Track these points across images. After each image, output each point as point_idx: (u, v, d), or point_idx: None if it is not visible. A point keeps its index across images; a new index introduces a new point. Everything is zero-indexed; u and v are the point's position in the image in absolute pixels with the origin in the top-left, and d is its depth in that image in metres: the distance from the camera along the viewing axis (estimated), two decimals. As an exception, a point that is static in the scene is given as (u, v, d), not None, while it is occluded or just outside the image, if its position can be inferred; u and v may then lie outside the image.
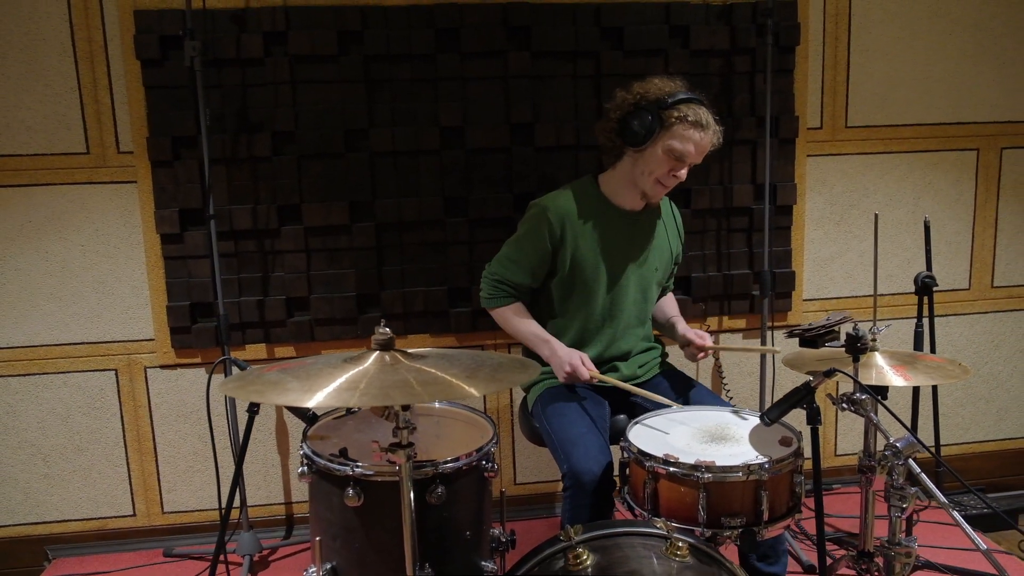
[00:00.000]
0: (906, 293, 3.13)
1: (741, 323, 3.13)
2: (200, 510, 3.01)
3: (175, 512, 3.01)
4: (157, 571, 2.83)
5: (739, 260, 3.06)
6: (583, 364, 2.24)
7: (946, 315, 3.26)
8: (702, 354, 2.39)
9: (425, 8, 2.77)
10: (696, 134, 2.20)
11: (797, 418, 1.86)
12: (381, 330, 1.55)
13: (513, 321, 2.40)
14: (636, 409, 2.32)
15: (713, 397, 2.36)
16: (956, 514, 1.51)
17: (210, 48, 2.66)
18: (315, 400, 1.42)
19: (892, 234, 3.17)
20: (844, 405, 1.68)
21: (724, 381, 3.06)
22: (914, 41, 3.07)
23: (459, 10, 2.78)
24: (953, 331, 3.28)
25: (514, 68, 2.83)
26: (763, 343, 2.99)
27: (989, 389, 3.35)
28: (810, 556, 2.74)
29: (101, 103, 2.74)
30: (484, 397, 3.06)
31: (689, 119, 2.19)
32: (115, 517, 2.98)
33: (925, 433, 2.94)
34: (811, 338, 1.75)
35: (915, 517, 2.97)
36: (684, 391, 2.39)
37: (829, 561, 2.07)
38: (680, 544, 1.63)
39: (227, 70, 2.73)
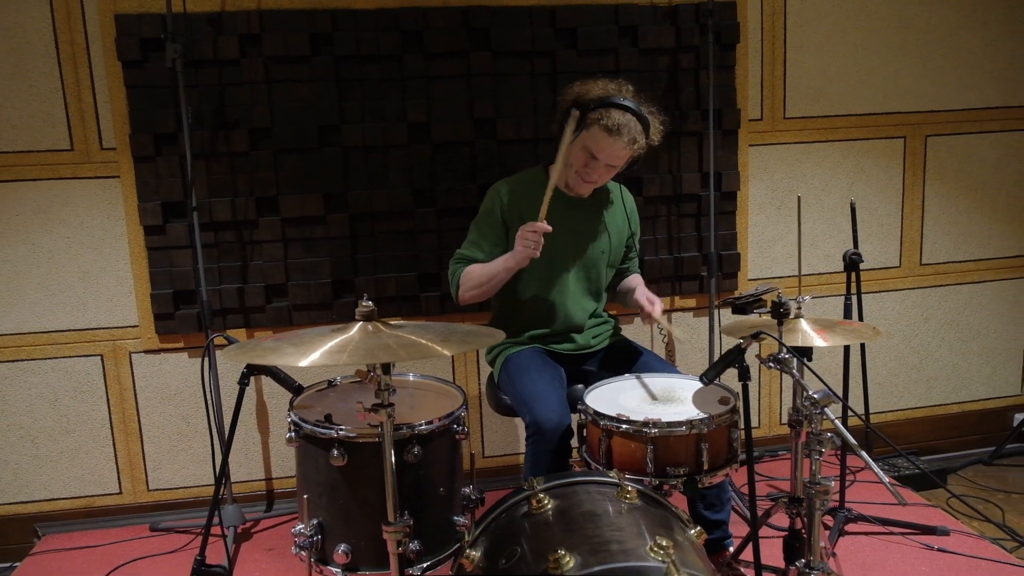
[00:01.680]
0: (841, 272, 3.38)
1: (691, 302, 3.37)
2: (184, 487, 3.18)
3: (160, 489, 3.17)
4: (144, 544, 2.99)
5: (688, 243, 3.30)
6: (530, 231, 2.36)
7: (879, 291, 3.53)
8: (650, 316, 2.54)
9: (392, 11, 2.96)
10: (607, 139, 2.39)
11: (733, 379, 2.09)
12: (364, 303, 1.75)
13: (473, 273, 2.53)
14: (591, 377, 2.55)
15: (662, 363, 2.58)
16: (865, 455, 1.74)
17: (188, 50, 2.81)
18: (309, 359, 1.62)
19: (828, 216, 3.43)
20: (771, 364, 1.92)
21: (664, 340, 3.28)
22: (844, 38, 3.33)
23: (423, 13, 2.97)
24: (886, 306, 3.55)
25: (476, 67, 3.03)
26: (711, 320, 3.23)
27: (920, 359, 3.63)
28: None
29: (84, 102, 2.89)
30: (453, 376, 3.27)
31: (602, 123, 2.37)
32: (102, 495, 3.14)
33: (856, 399, 3.18)
34: (741, 306, 1.98)
35: (854, 477, 3.26)
36: (634, 359, 2.61)
37: (766, 507, 2.32)
38: (629, 489, 1.85)
39: (205, 70, 2.89)
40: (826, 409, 1.80)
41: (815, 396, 1.80)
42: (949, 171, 3.50)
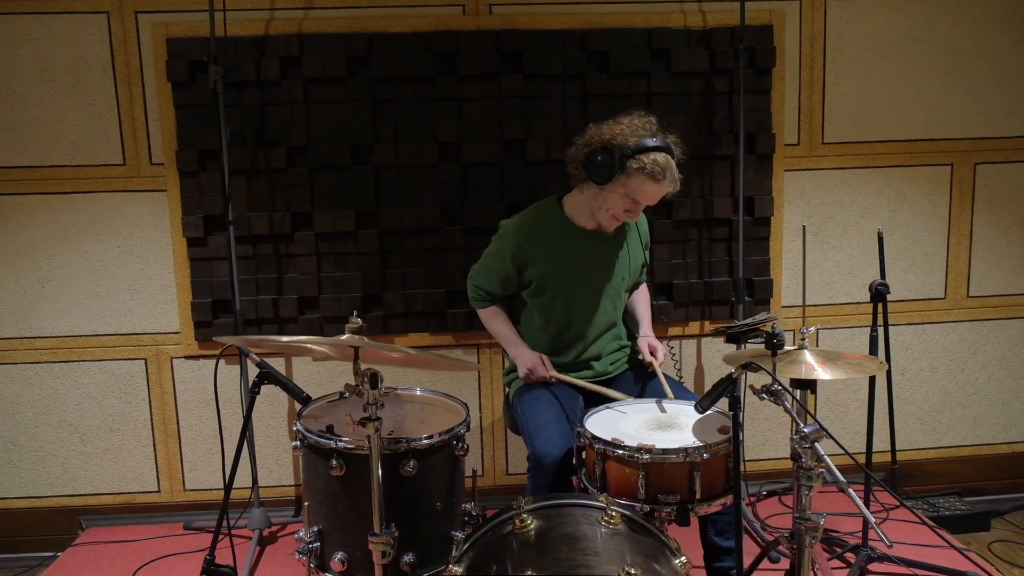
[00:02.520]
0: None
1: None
2: (218, 488, 3.30)
3: (195, 490, 3.31)
4: (177, 542, 3.12)
5: (719, 268, 3.26)
6: (542, 364, 2.50)
7: (922, 323, 3.42)
8: (649, 367, 2.62)
9: (425, 35, 3.04)
10: (652, 186, 2.38)
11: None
12: (354, 320, 1.82)
13: (491, 323, 2.72)
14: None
15: (677, 389, 2.56)
16: (852, 492, 1.70)
17: (232, 71, 2.96)
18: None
19: (868, 244, 3.34)
20: (763, 396, 1.89)
21: (680, 378, 3.25)
22: (888, 62, 3.25)
23: (456, 37, 3.04)
24: (929, 338, 3.43)
25: (507, 89, 3.08)
26: (738, 347, 3.18)
27: (966, 395, 3.49)
28: (767, 536, 2.97)
29: (136, 120, 3.06)
30: (480, 394, 3.31)
31: (647, 171, 2.34)
32: (142, 492, 3.29)
33: (882, 436, 3.07)
34: (734, 335, 1.96)
35: (887, 515, 3.16)
36: (649, 384, 2.60)
37: (770, 538, 2.28)
38: (613, 513, 1.85)
39: (248, 91, 3.03)
40: (816, 444, 1.76)
41: (805, 430, 1.77)
42: (1000, 200, 3.37)
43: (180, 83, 3.01)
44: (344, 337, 1.79)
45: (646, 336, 2.71)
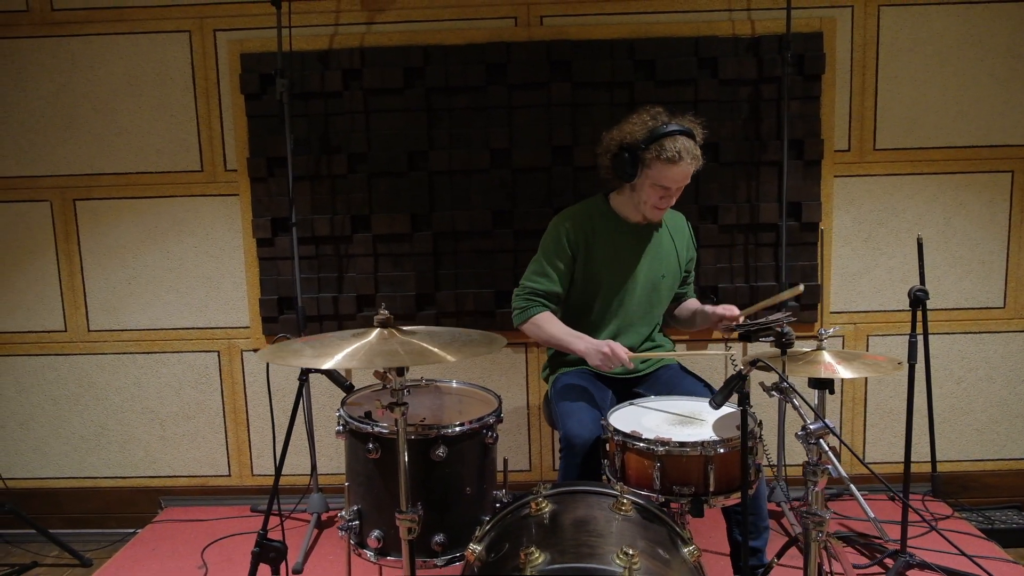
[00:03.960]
0: (934, 309, 3.26)
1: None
2: (284, 474, 3.51)
3: (262, 475, 3.53)
4: (243, 523, 3.35)
5: (766, 273, 3.29)
6: (612, 350, 2.48)
7: (979, 332, 3.35)
8: (733, 321, 2.57)
9: (478, 46, 3.19)
10: (672, 169, 2.48)
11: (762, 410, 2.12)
12: (382, 311, 1.96)
13: (546, 327, 2.65)
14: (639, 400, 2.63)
15: (704, 388, 2.62)
16: (855, 489, 1.74)
17: (298, 83, 3.18)
18: (329, 363, 1.84)
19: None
20: (773, 393, 1.94)
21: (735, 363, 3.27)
22: (944, 68, 3.22)
23: (507, 47, 3.18)
24: (987, 348, 3.36)
25: (556, 97, 3.20)
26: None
27: (1027, 407, 3.40)
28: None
29: (213, 130, 3.32)
30: (528, 391, 3.43)
31: (664, 157, 2.46)
32: (214, 476, 3.54)
33: (940, 445, 3.03)
34: (746, 333, 2.02)
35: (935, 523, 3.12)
36: (680, 383, 2.66)
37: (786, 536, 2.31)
38: (625, 501, 1.94)
39: (313, 102, 3.24)
40: (822, 440, 1.81)
41: (810, 427, 1.82)
42: (1065, 208, 3.28)
43: (252, 95, 3.25)
44: (375, 334, 1.93)
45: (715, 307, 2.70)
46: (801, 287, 2.46)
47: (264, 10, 3.16)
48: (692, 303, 2.89)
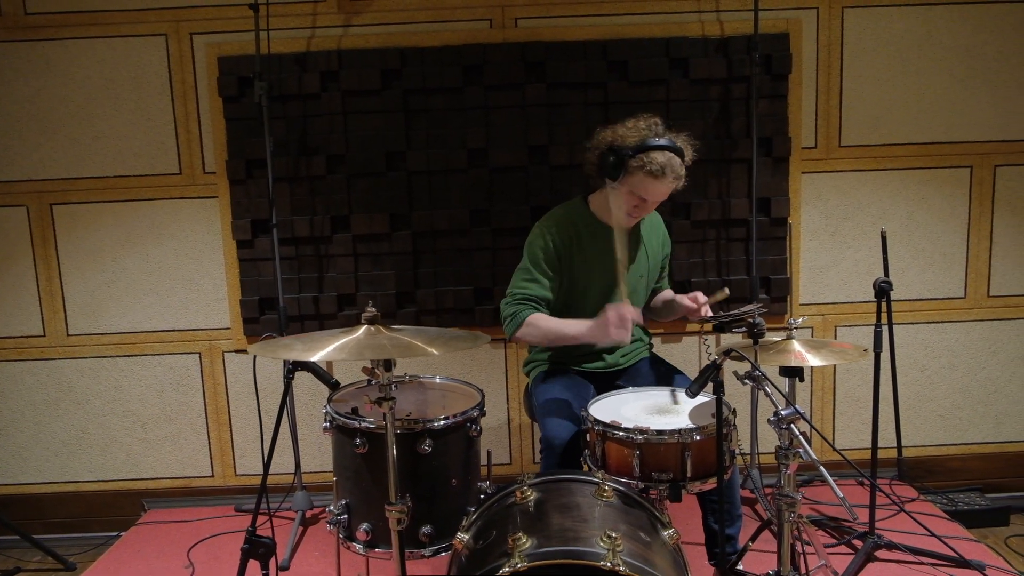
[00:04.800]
0: (898, 300, 3.37)
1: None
2: (268, 473, 3.54)
3: (246, 475, 3.56)
4: (228, 522, 3.37)
5: (737, 267, 3.38)
6: (621, 315, 2.41)
7: (942, 322, 3.47)
8: (698, 312, 2.59)
9: (454, 48, 3.25)
10: (653, 183, 2.48)
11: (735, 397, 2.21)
12: (369, 309, 2.02)
13: (541, 324, 2.56)
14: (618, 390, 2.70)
15: (683, 380, 2.69)
16: (824, 470, 1.82)
17: (276, 85, 3.22)
18: (316, 355, 1.90)
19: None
20: (746, 381, 2.03)
21: (710, 353, 3.36)
22: (905, 67, 3.33)
23: (483, 49, 3.24)
24: (949, 337, 3.49)
25: (531, 98, 3.27)
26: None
27: (987, 393, 3.53)
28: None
29: (191, 133, 3.34)
30: (507, 387, 3.49)
31: (647, 169, 2.45)
32: (197, 477, 3.56)
33: (906, 431, 3.14)
34: (719, 324, 2.11)
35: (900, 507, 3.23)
36: (660, 375, 2.74)
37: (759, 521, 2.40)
38: (607, 488, 2.01)
39: (291, 104, 3.28)
40: (793, 425, 1.89)
41: (782, 413, 1.90)
42: (1021, 201, 3.41)
43: (230, 98, 3.28)
44: (363, 330, 1.99)
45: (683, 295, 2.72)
46: (727, 291, 2.52)
47: (240, 13, 3.19)
48: (666, 294, 2.96)
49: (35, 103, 3.32)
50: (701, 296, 2.61)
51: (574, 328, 2.53)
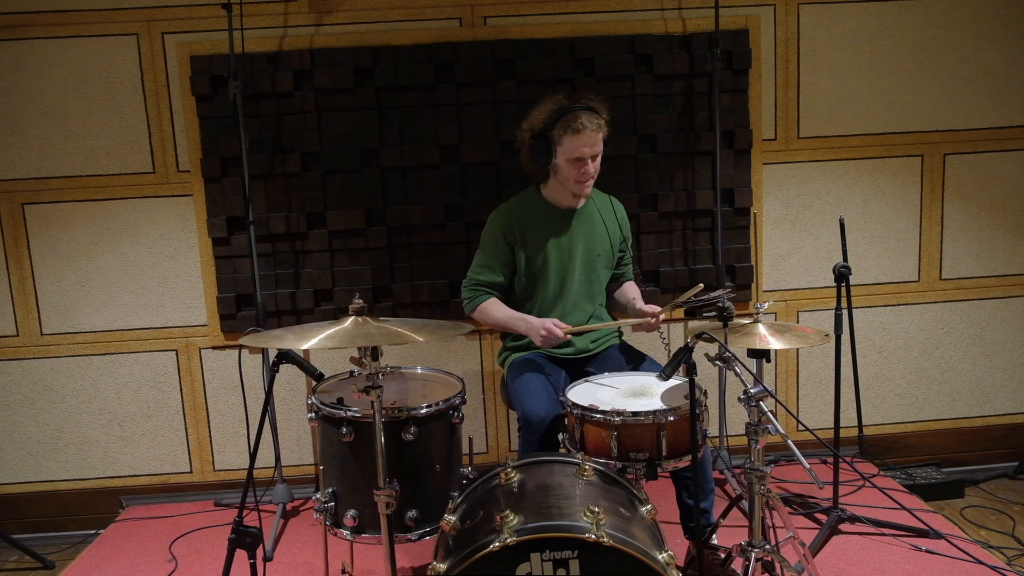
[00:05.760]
0: (857, 284, 3.52)
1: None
2: (245, 469, 3.55)
3: (224, 470, 3.60)
4: (208, 517, 3.41)
5: (703, 256, 3.50)
6: (556, 326, 2.68)
7: (897, 304, 3.64)
8: (654, 320, 2.74)
9: (425, 46, 3.31)
10: (578, 138, 2.67)
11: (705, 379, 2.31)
12: (356, 301, 2.09)
13: (492, 311, 2.87)
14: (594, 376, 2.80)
15: (654, 365, 2.80)
16: (792, 443, 1.93)
17: (250, 85, 3.25)
18: (307, 344, 1.97)
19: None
20: (716, 362, 2.14)
21: (667, 347, 3.48)
22: (859, 60, 3.48)
23: (454, 47, 3.31)
24: (904, 319, 3.65)
25: (501, 95, 3.35)
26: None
27: (941, 372, 3.70)
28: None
29: (164, 131, 3.36)
30: (483, 376, 3.58)
31: (570, 129, 2.66)
32: (176, 473, 3.59)
33: (866, 410, 3.29)
34: (690, 309, 2.22)
35: (864, 482, 3.38)
36: (630, 361, 2.85)
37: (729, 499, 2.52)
38: (587, 468, 2.11)
39: (265, 102, 3.31)
40: (761, 402, 2.01)
41: (751, 391, 2.02)
42: (969, 189, 3.58)
43: (203, 97, 3.30)
44: (350, 321, 2.06)
45: (643, 304, 2.89)
46: (701, 285, 2.64)
47: (212, 13, 3.22)
48: (629, 289, 3.07)
49: (4, 103, 3.31)
50: (657, 308, 2.77)
51: (515, 323, 2.83)
